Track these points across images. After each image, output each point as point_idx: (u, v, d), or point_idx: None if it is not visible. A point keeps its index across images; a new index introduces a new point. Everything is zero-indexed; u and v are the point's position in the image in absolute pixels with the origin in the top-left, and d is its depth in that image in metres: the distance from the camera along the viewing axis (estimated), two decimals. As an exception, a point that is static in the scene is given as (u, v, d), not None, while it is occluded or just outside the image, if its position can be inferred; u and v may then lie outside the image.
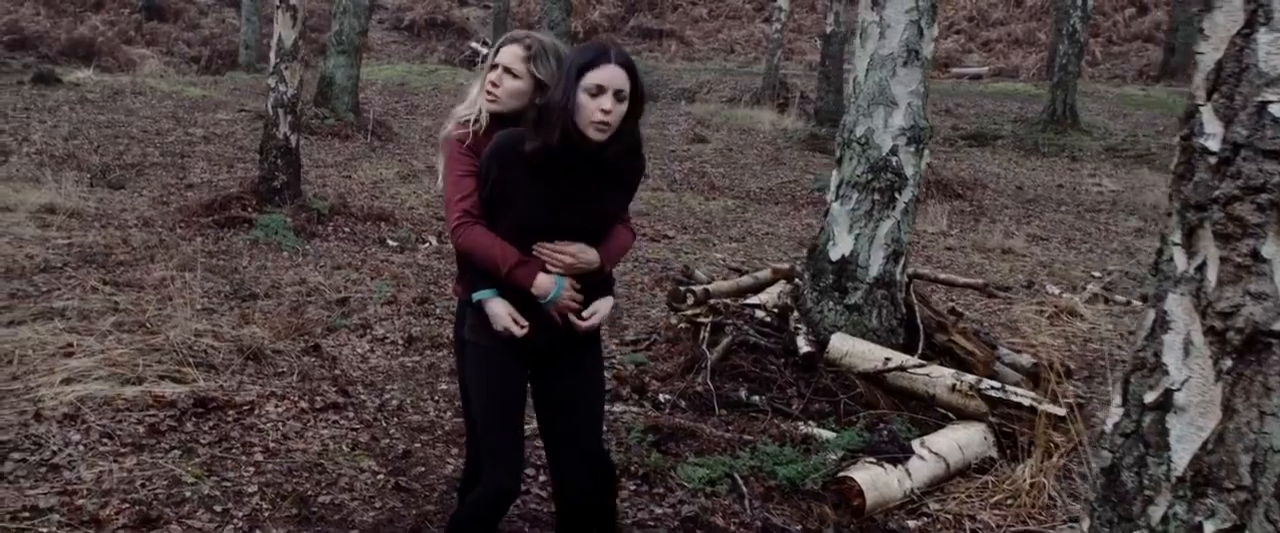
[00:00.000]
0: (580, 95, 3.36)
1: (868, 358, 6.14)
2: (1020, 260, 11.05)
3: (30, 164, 11.64)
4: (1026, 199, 14.93)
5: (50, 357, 6.11)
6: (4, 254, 8.17)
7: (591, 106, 3.36)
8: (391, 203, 11.52)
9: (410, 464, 5.26)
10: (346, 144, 15.09)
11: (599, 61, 3.39)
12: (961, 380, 5.90)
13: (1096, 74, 27.86)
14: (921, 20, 6.29)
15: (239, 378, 6.11)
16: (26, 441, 5.09)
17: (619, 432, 5.67)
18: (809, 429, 5.75)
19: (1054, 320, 8.58)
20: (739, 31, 32.31)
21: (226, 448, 5.23)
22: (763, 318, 6.64)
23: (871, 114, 6.36)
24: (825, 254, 6.52)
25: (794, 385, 6.13)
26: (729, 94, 23.45)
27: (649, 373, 6.57)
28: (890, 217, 6.38)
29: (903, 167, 6.36)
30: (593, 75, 3.36)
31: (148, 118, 15.55)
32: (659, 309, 8.13)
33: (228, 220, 9.77)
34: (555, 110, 3.39)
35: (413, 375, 6.48)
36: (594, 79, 3.36)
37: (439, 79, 22.64)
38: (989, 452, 5.67)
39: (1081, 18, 20.56)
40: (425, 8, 32.13)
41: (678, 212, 12.51)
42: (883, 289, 6.41)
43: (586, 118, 3.37)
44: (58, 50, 23.52)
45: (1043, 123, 20.66)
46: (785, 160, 16.95)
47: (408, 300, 7.89)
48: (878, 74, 6.34)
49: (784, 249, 10.88)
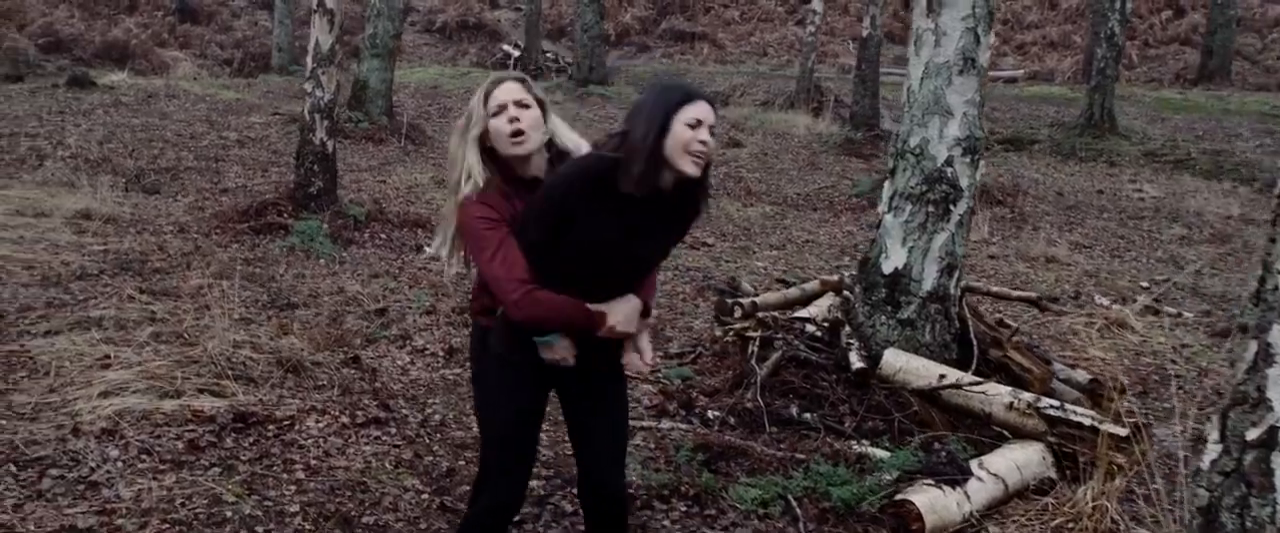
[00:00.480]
0: (677, 126, 3.35)
1: (922, 374, 5.97)
2: (1065, 270, 10.86)
3: (65, 168, 11.58)
4: (1067, 206, 14.70)
5: (87, 368, 6.02)
6: (40, 261, 8.10)
7: (690, 136, 3.35)
8: (427, 208, 11.40)
9: (454, 483, 5.13)
10: (380, 148, 14.99)
11: (692, 98, 3.41)
12: (1019, 399, 5.73)
13: (1133, 77, 27.53)
14: (978, 27, 6.12)
15: (278, 391, 6.00)
16: (65, 456, 4.99)
17: (667, 450, 5.54)
18: (863, 448, 5.59)
19: (1105, 333, 8.39)
20: (771, 34, 32.12)
21: (267, 465, 5.12)
22: (813, 332, 6.48)
23: (926, 124, 6.19)
24: (877, 267, 6.35)
25: (846, 402, 5.97)
26: (762, 97, 23.28)
27: (696, 388, 6.43)
28: (944, 229, 6.20)
29: (958, 178, 6.19)
30: (690, 109, 3.37)
31: (181, 121, 15.50)
32: (702, 320, 7.99)
33: (264, 227, 9.68)
34: (640, 149, 3.36)
35: (454, 389, 6.35)
36: (693, 113, 3.36)
37: (471, 82, 22.50)
38: (1047, 472, 5.50)
39: (1120, 21, 20.25)
40: (457, 10, 32.08)
41: (716, 218, 12.35)
42: (936, 303, 6.24)
43: (680, 147, 3.35)
44: (92, 53, 23.57)
45: (1080, 127, 20.36)
46: (822, 165, 16.77)
47: (447, 310, 7.76)
48: (933, 82, 6.17)
49: (825, 257, 10.73)
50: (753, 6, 33.71)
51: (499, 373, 3.71)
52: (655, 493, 5.05)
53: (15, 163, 11.82)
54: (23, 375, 5.95)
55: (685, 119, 3.35)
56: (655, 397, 6.32)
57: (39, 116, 14.76)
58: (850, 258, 10.67)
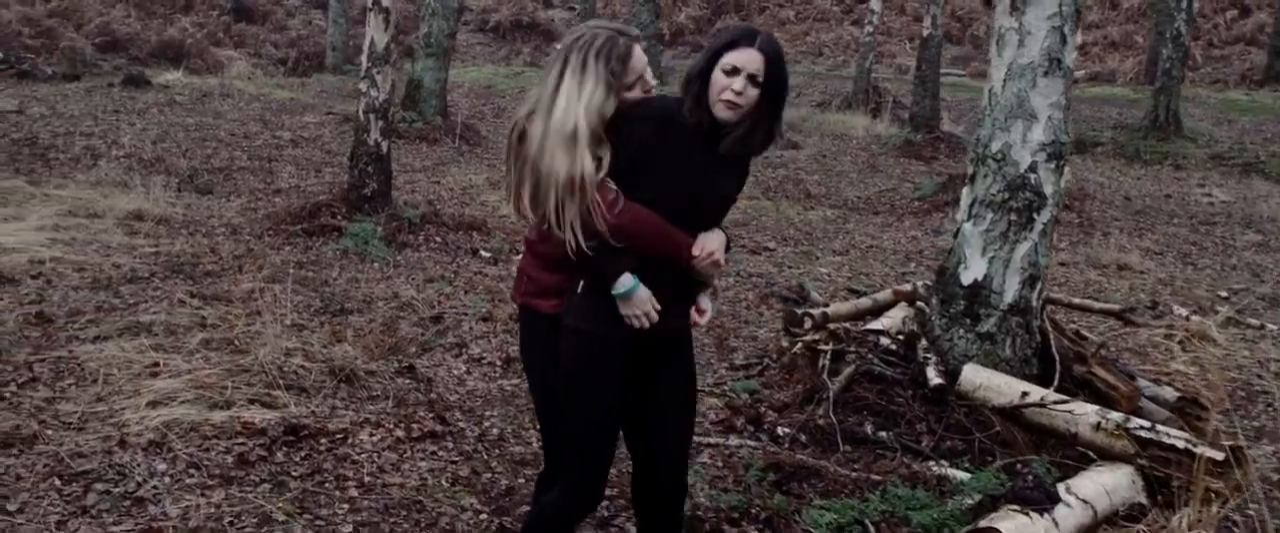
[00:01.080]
0: (716, 72, 3.35)
1: (1003, 392, 5.68)
2: (1138, 278, 10.49)
3: (119, 168, 11.48)
4: (1135, 210, 14.28)
5: (136, 376, 5.86)
6: (91, 263, 7.96)
7: (722, 84, 3.34)
8: (482, 210, 11.21)
9: (514, 503, 4.90)
10: (434, 148, 14.82)
11: (741, 43, 3.37)
12: (1107, 419, 5.41)
13: (1197, 78, 26.92)
14: (1064, 26, 5.81)
15: (331, 402, 5.80)
16: (110, 470, 4.81)
17: (736, 469, 5.28)
18: (942, 469, 5.31)
19: (1186, 346, 8.03)
20: (827, 34, 31.73)
21: (319, 481, 4.92)
22: (887, 345, 6.20)
23: (1009, 128, 5.88)
24: (956, 278, 6.05)
25: (923, 420, 5.68)
26: (819, 98, 22.92)
27: (764, 402, 6.16)
28: (1027, 238, 5.89)
29: (1042, 184, 5.87)
30: (731, 55, 3.35)
31: (235, 120, 15.41)
32: (766, 329, 7.72)
33: (317, 229, 9.49)
34: (692, 82, 3.41)
35: (512, 401, 6.12)
36: (731, 59, 3.34)
37: (525, 81, 22.35)
38: (1137, 497, 5.18)
39: (1186, 20, 19.76)
40: (510, 9, 31.92)
41: (776, 222, 12.07)
42: (1018, 316, 5.94)
43: (715, 94, 3.36)
44: (148, 52, 23.57)
45: (1144, 129, 19.89)
46: (881, 168, 16.44)
47: (504, 317, 7.53)
48: (1016, 84, 5.87)
49: (891, 264, 10.42)
50: (808, 6, 33.35)
51: (586, 353, 3.53)
52: (725, 516, 4.78)
53: (70, 162, 11.74)
54: (71, 383, 5.79)
55: (724, 64, 3.35)
56: (722, 411, 6.06)
57: (94, 116, 14.71)
58: (916, 265, 10.38)
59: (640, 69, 3.46)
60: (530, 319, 3.74)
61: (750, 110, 3.39)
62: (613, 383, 3.54)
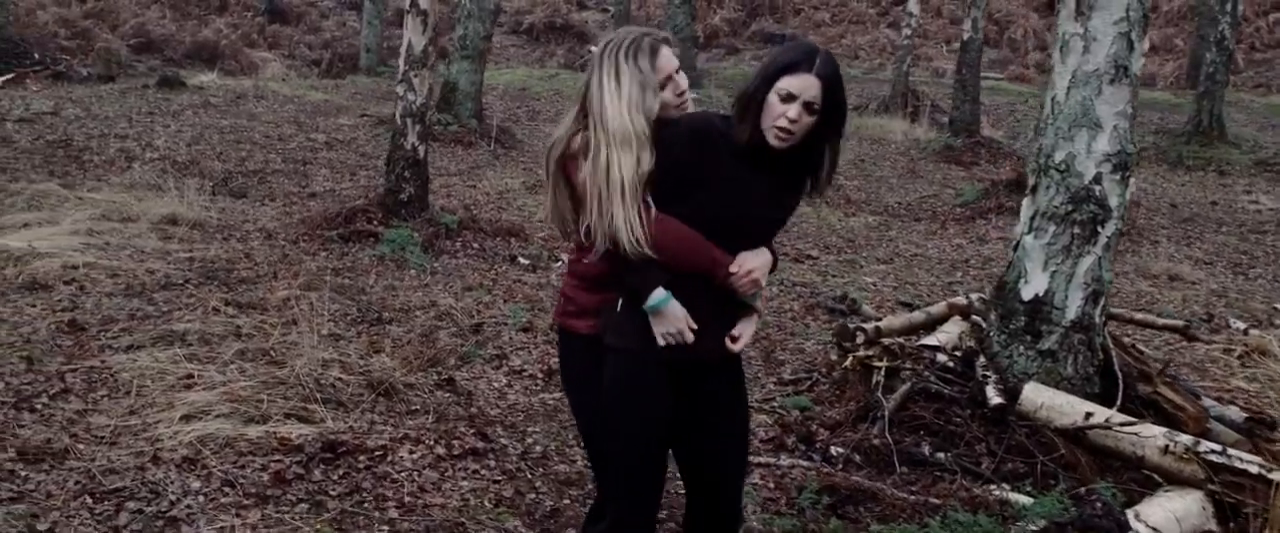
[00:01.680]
0: (770, 96, 3.20)
1: (1066, 412, 5.45)
2: (1191, 289, 10.22)
3: (153, 171, 11.35)
4: (1182, 218, 13.99)
5: (169, 388, 5.70)
6: (125, 269, 7.82)
7: (777, 111, 3.20)
8: (519, 215, 11.04)
9: (560, 526, 4.72)
10: (469, 152, 14.65)
11: (800, 67, 3.20)
12: (1175, 442, 5.18)
13: (1239, 82, 26.49)
14: (1131, 32, 5.60)
15: (369, 416, 5.63)
16: (143, 488, 4.66)
17: (789, 490, 5.08)
18: (1003, 494, 5.09)
19: (1245, 362, 7.77)
20: (863, 37, 31.42)
21: (357, 501, 4.75)
22: (943, 362, 5.98)
23: (1073, 138, 5.66)
24: (1016, 292, 5.83)
25: (983, 441, 5.46)
26: (855, 102, 22.63)
27: (815, 420, 5.95)
28: (1091, 252, 5.67)
29: (1106, 196, 5.65)
30: (788, 80, 3.19)
31: (269, 123, 15.29)
32: (813, 342, 7.52)
33: (352, 234, 9.32)
34: (748, 103, 3.25)
35: (555, 416, 5.94)
36: (787, 85, 3.19)
37: (559, 84, 22.18)
38: (1208, 525, 4.96)
39: (1230, 24, 19.40)
40: (545, 11, 31.76)
41: (818, 228, 11.85)
42: (1080, 333, 5.71)
43: (769, 121, 3.21)
44: (182, 53, 23.55)
45: (1187, 134, 19.54)
46: (922, 173, 16.19)
47: (544, 327, 7.35)
48: (1081, 92, 5.64)
49: (937, 273, 10.19)
50: (844, 9, 33.06)
51: (626, 372, 3.37)
52: (779, 542, 4.60)
53: (105, 164, 11.63)
54: (103, 394, 5.65)
55: (780, 89, 3.19)
56: (772, 429, 5.86)
57: (129, 118, 14.61)
58: (962, 273, 10.15)
59: (669, 68, 3.34)
60: (567, 341, 3.66)
61: (805, 136, 3.25)
62: (656, 404, 3.38)
